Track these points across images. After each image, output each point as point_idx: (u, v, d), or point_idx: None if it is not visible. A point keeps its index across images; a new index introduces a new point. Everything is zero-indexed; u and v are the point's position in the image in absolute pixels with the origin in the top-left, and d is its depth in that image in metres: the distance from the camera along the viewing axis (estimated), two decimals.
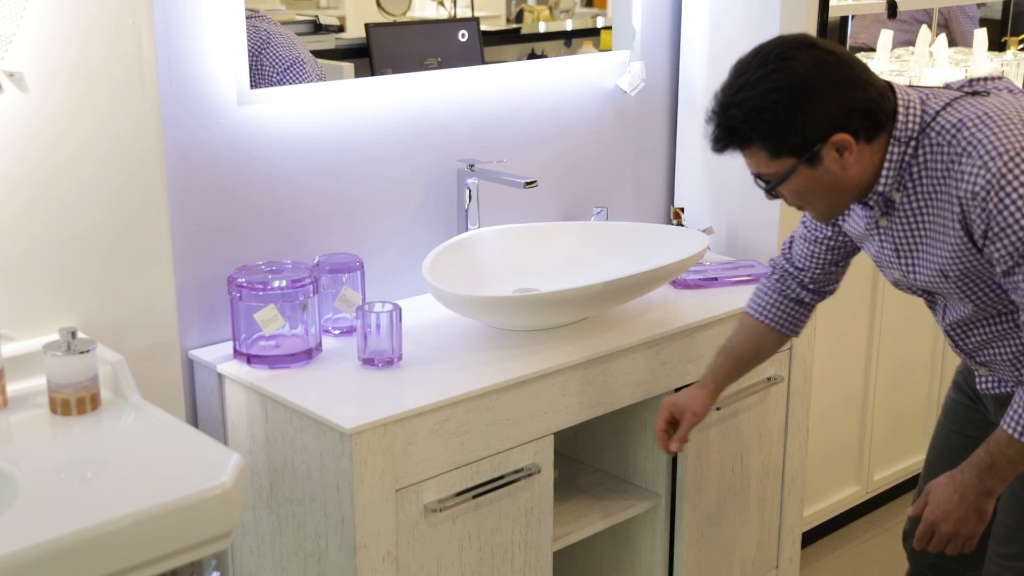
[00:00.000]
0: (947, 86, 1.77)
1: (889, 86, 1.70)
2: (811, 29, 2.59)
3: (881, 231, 1.80)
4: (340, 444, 1.82)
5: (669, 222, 2.76)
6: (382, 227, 2.33)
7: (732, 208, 2.71)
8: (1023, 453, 1.70)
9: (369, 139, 2.27)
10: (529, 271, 2.34)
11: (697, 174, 2.76)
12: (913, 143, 1.68)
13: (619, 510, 2.31)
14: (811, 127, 1.63)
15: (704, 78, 2.70)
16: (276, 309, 1.99)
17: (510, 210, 2.52)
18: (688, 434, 2.02)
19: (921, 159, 1.69)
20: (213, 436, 2.02)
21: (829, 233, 1.96)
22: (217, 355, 2.07)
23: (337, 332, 2.17)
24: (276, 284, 2.00)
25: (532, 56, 2.99)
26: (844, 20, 3.17)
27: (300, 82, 2.15)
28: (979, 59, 3.35)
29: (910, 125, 1.68)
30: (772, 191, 1.72)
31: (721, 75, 1.71)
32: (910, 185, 1.71)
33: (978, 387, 1.92)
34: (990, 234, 1.62)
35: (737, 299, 2.37)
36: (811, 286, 2.04)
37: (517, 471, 2.02)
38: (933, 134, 1.67)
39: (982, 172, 1.60)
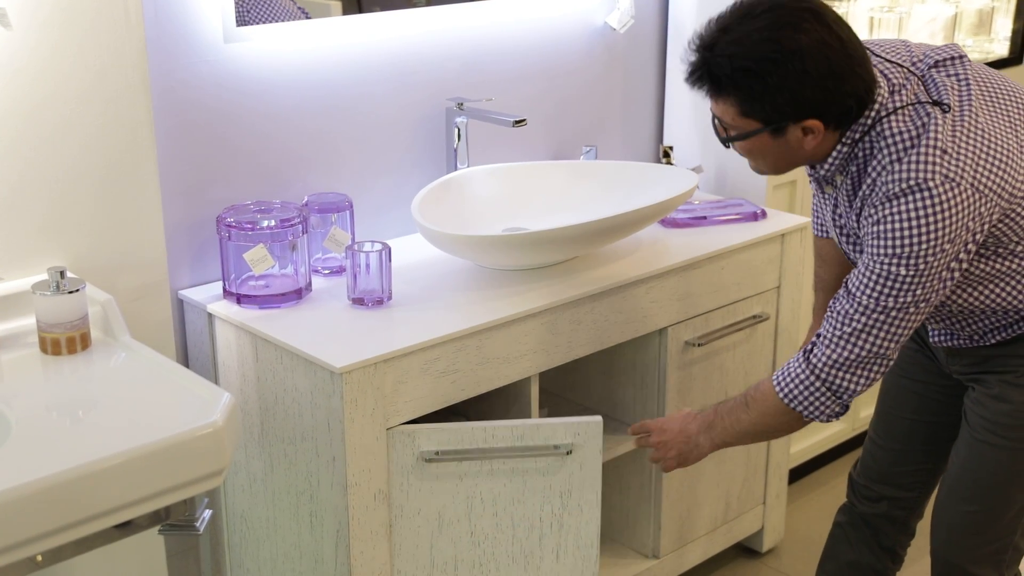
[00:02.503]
0: (912, 61, 1.74)
1: (876, 81, 1.68)
2: None
3: (825, 196, 1.85)
4: (331, 383, 1.82)
5: (658, 161, 2.75)
6: (371, 166, 2.31)
7: (721, 147, 2.68)
8: (737, 423, 1.81)
9: (357, 77, 2.25)
10: (518, 210, 2.33)
11: (686, 113, 2.75)
12: (863, 134, 1.69)
13: (608, 448, 2.32)
14: (789, 106, 1.63)
15: (693, 15, 2.66)
16: (265, 249, 1.98)
17: (499, 149, 2.50)
18: None
19: (860, 155, 1.71)
20: (204, 376, 2.03)
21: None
22: (207, 295, 2.06)
23: (326, 272, 2.16)
24: (265, 224, 1.99)
25: None
26: None
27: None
28: None
29: (868, 119, 1.69)
30: (728, 143, 1.73)
31: (710, 10, 1.69)
32: (853, 171, 1.73)
33: (929, 339, 1.94)
34: (868, 230, 1.67)
35: (726, 238, 2.37)
36: None
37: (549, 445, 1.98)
38: (876, 135, 1.68)
39: (890, 185, 1.64)
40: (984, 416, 1.86)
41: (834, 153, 1.72)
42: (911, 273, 1.64)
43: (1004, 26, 3.38)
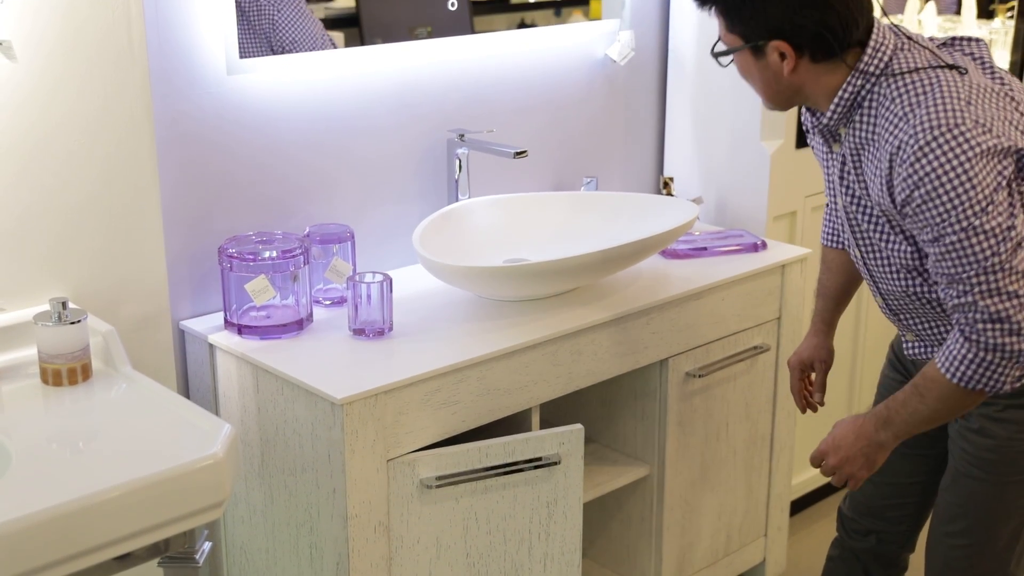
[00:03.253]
0: (931, 38, 1.77)
1: (870, 23, 1.69)
2: None
3: (832, 155, 1.82)
4: (331, 414, 1.82)
5: (659, 192, 2.76)
6: (372, 198, 2.32)
7: (721, 178, 2.71)
8: (915, 414, 1.74)
9: (359, 109, 2.26)
10: (519, 241, 2.34)
11: (687, 144, 2.76)
12: (868, 85, 1.69)
13: (608, 479, 2.32)
14: (756, 22, 1.69)
15: (693, 47, 2.68)
16: (267, 280, 1.99)
17: (500, 180, 2.51)
18: (824, 383, 2.11)
19: (867, 105, 1.70)
20: (204, 406, 2.02)
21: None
22: (208, 325, 2.07)
23: (328, 302, 2.16)
24: (267, 255, 2.00)
25: (522, 25, 2.96)
26: None
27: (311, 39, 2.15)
28: (967, 27, 3.34)
29: (871, 67, 1.69)
30: (715, 56, 1.77)
31: (710, 41, 1.72)
32: (857, 124, 1.72)
33: (905, 352, 1.93)
34: (911, 204, 1.63)
35: (727, 269, 2.38)
36: None
37: (534, 459, 2.00)
38: (886, 85, 1.68)
39: (911, 140, 1.61)
40: (967, 451, 1.86)
41: (836, 99, 1.71)
42: (981, 207, 1.59)
43: (1002, 57, 3.40)
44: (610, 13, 2.64)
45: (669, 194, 2.65)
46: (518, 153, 2.25)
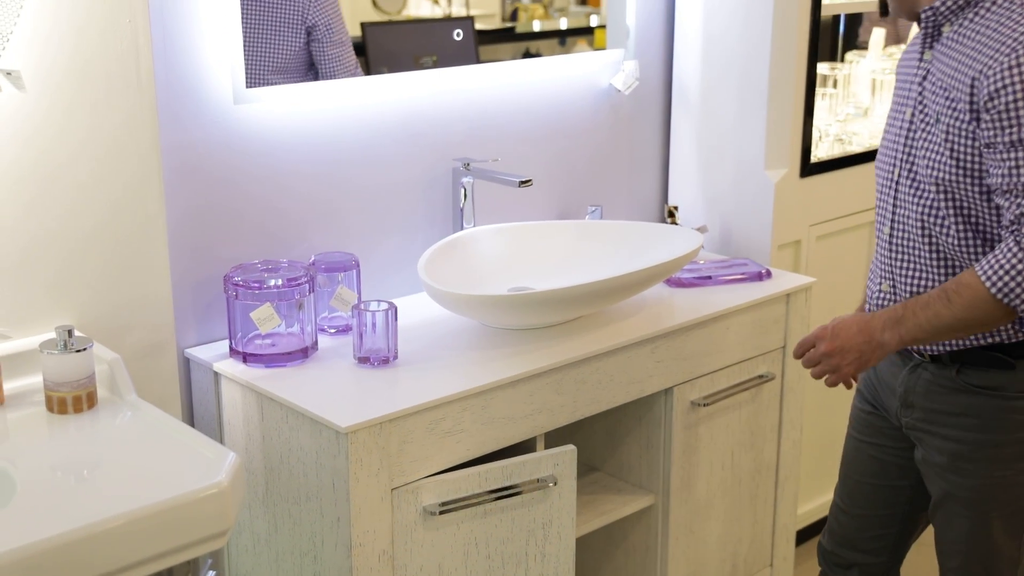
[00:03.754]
0: None
1: None
2: (803, 27, 2.59)
3: (919, 68, 1.80)
4: (336, 443, 1.82)
5: (663, 220, 2.77)
6: (378, 226, 2.33)
7: (726, 207, 2.72)
8: (935, 319, 1.70)
9: (365, 138, 2.27)
10: (524, 270, 2.34)
11: (691, 173, 2.77)
12: None
13: (613, 508, 2.31)
14: None
15: (697, 76, 2.70)
16: (272, 308, 1.99)
17: (505, 209, 2.52)
18: None
19: (987, 3, 1.71)
20: (209, 435, 2.03)
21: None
22: (213, 353, 2.07)
23: (333, 331, 2.17)
24: (272, 283, 2.00)
25: (527, 55, 2.98)
26: (836, 19, 3.18)
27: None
28: None
29: None
30: None
31: (714, 73, 1.72)
32: (968, 20, 1.72)
33: (867, 308, 1.91)
34: (999, 98, 1.62)
35: (731, 297, 2.38)
36: None
37: (532, 481, 2.00)
38: None
39: (1011, 52, 1.61)
40: (947, 491, 1.87)
41: None
42: None
43: None
44: (615, 43, 2.66)
45: (674, 223, 2.66)
46: (523, 182, 2.25)
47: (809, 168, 2.71)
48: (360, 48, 2.35)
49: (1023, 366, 1.78)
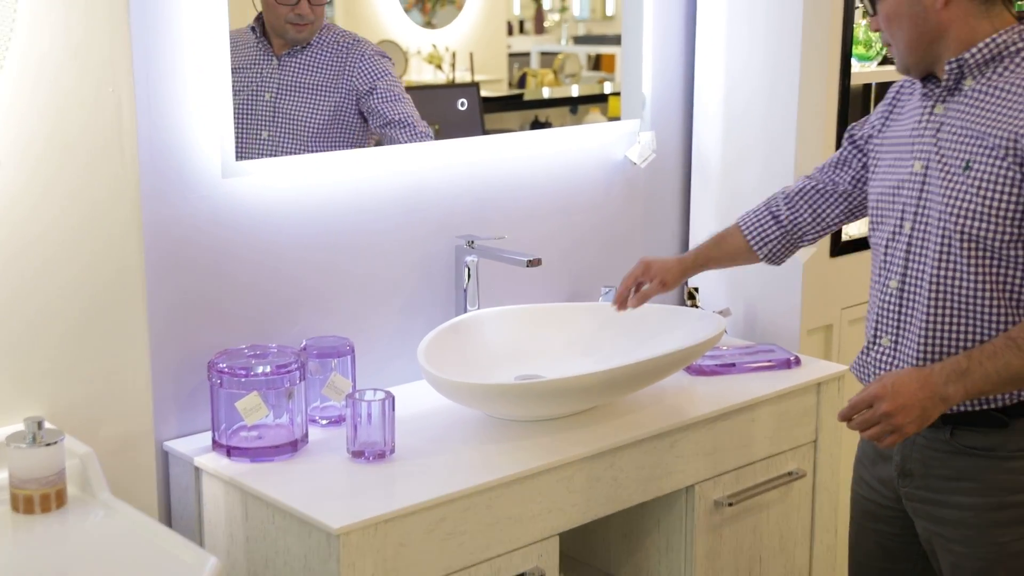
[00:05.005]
0: None
1: None
2: (832, 97, 2.62)
3: (928, 122, 1.85)
4: (327, 545, 1.79)
5: (683, 303, 2.77)
6: (374, 308, 2.33)
7: (750, 288, 2.72)
8: (1005, 371, 1.72)
9: (361, 214, 2.28)
10: (533, 356, 2.34)
11: None
12: (1022, 44, 1.76)
13: None
14: None
15: (718, 148, 2.71)
16: (259, 397, 1.98)
17: (512, 290, 2.52)
18: (648, 298, 2.22)
19: (1019, 59, 1.76)
20: (189, 536, 2.00)
21: (846, 188, 2.09)
22: (194, 447, 2.06)
23: (325, 422, 2.16)
24: (260, 370, 2.00)
25: (536, 124, 3.01)
26: (867, 88, 3.21)
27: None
28: None
29: None
30: (873, 4, 1.84)
31: (736, 144, 1.74)
32: (993, 78, 1.78)
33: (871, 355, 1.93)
34: None
35: (757, 387, 2.37)
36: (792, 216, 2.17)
37: None
38: None
39: None
40: (955, 563, 1.87)
41: (986, 41, 1.77)
42: None
43: None
44: (630, 112, 2.68)
45: (694, 306, 2.66)
46: (531, 261, 2.26)
47: (840, 247, 2.71)
48: None
49: (1017, 425, 1.81)
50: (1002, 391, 1.78)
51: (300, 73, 2.26)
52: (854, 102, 3.03)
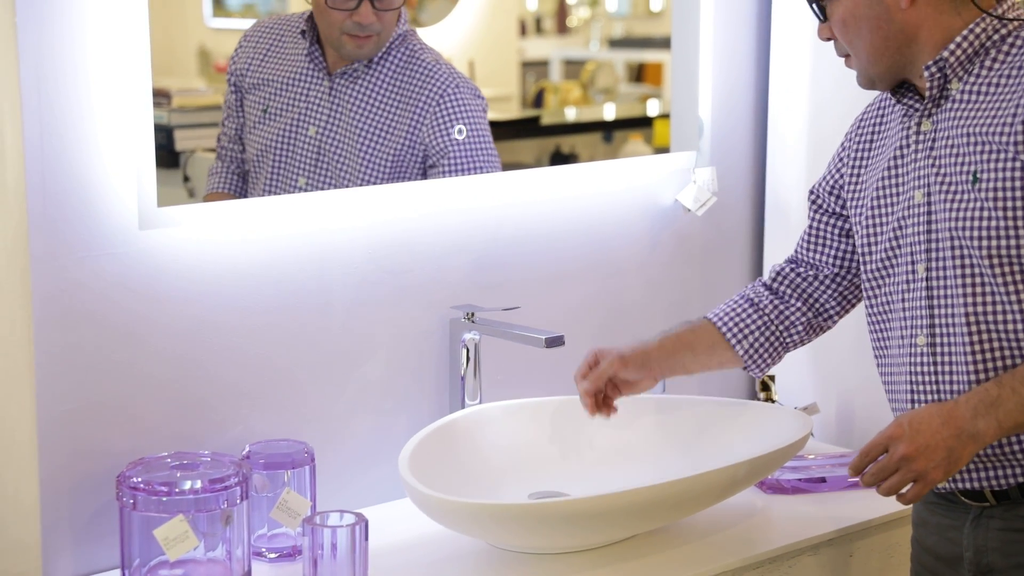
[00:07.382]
0: None
1: None
2: None
3: (917, 143, 1.96)
4: None
5: (754, 396, 2.77)
6: (342, 402, 2.33)
7: (846, 379, 2.72)
8: None
9: (326, 277, 2.28)
10: (551, 467, 2.34)
11: None
12: (1004, 32, 1.89)
13: None
14: None
15: (800, 190, 2.70)
16: (186, 522, 1.97)
17: (526, 378, 2.52)
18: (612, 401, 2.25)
19: (1005, 47, 1.88)
20: None
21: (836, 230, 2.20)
22: None
23: (274, 555, 2.16)
24: (187, 486, 1.99)
25: (557, 155, 3.01)
26: None
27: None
28: None
29: (1015, 11, 1.88)
30: (822, 16, 1.96)
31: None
32: (982, 74, 1.90)
33: (969, 484, 1.96)
34: None
35: (855, 510, 2.36)
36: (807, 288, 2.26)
37: None
38: None
39: None
40: None
41: (959, 39, 1.89)
42: None
43: None
44: (682, 143, 2.67)
45: (769, 399, 2.66)
46: (552, 340, 2.26)
47: None
48: None
49: None
50: None
51: (357, 103, 2.26)
52: None
